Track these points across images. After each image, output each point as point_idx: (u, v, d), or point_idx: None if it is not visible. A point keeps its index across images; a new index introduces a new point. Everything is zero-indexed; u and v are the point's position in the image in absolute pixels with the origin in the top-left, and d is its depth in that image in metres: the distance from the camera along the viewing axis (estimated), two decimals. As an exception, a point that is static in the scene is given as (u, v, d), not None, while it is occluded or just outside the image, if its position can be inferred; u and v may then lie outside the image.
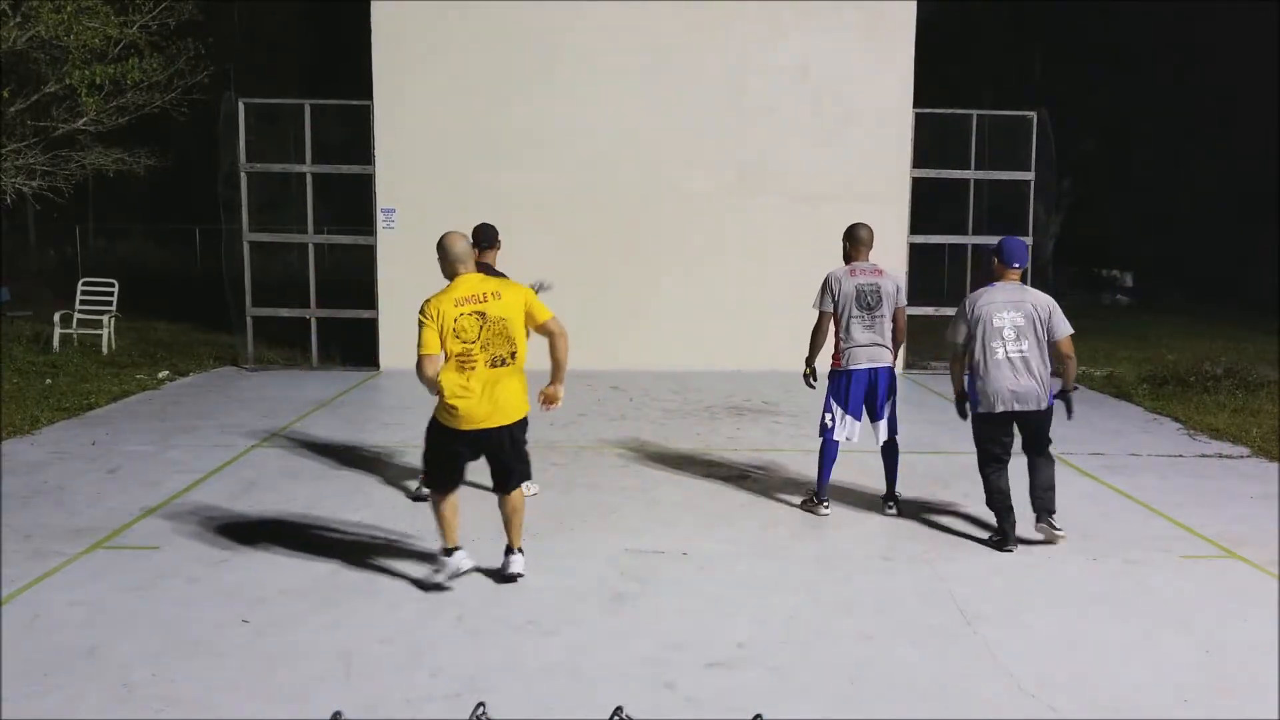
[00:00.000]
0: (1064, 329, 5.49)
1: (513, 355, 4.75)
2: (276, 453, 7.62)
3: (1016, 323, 5.44)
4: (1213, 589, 5.02)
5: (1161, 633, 4.47)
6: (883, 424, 6.13)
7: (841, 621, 4.54)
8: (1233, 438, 8.37)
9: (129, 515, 5.95)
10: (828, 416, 6.11)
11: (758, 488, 6.79)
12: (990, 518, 5.74)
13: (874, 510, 6.24)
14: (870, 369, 6.03)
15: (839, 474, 6.61)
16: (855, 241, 6.11)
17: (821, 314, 6.05)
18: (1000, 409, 5.48)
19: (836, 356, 6.06)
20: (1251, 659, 4.21)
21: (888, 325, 6.04)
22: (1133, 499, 6.60)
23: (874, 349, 6.02)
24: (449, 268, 4.78)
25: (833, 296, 6.00)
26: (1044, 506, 5.61)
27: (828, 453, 6.15)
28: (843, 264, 6.12)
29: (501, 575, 4.96)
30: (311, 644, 4.22)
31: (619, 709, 3.17)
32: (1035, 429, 5.58)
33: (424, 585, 4.91)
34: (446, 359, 4.66)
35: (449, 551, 4.88)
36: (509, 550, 5.01)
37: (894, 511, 6.17)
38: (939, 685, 3.94)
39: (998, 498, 5.63)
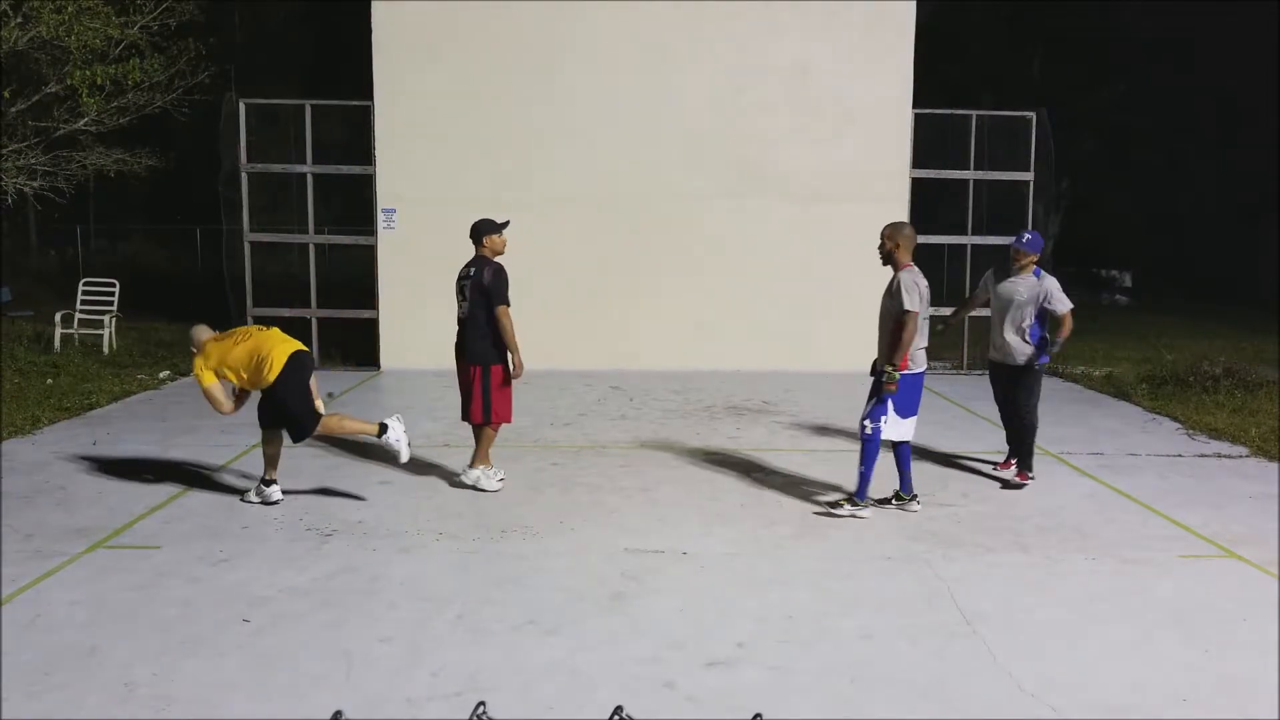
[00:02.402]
0: None
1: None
2: (277, 453, 7.61)
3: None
4: (1212, 589, 5.02)
5: (1161, 633, 4.47)
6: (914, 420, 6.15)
7: (841, 621, 4.55)
8: (1232, 438, 8.37)
9: (129, 515, 5.96)
10: (884, 419, 5.92)
11: (758, 488, 6.79)
12: (987, 515, 5.71)
13: (873, 510, 6.24)
14: (926, 370, 6.10)
15: (839, 475, 6.62)
16: (913, 241, 5.99)
17: (913, 315, 5.79)
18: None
19: (905, 358, 5.88)
20: (1251, 659, 4.21)
21: None
22: (1132, 499, 6.60)
23: (925, 351, 6.08)
24: (197, 348, 6.07)
25: (920, 298, 5.84)
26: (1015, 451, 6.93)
27: (875, 451, 5.97)
28: (910, 264, 5.94)
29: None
30: (311, 644, 4.23)
31: (619, 709, 3.17)
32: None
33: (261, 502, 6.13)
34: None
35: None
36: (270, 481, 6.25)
37: (918, 506, 6.25)
38: (939, 685, 3.94)
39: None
